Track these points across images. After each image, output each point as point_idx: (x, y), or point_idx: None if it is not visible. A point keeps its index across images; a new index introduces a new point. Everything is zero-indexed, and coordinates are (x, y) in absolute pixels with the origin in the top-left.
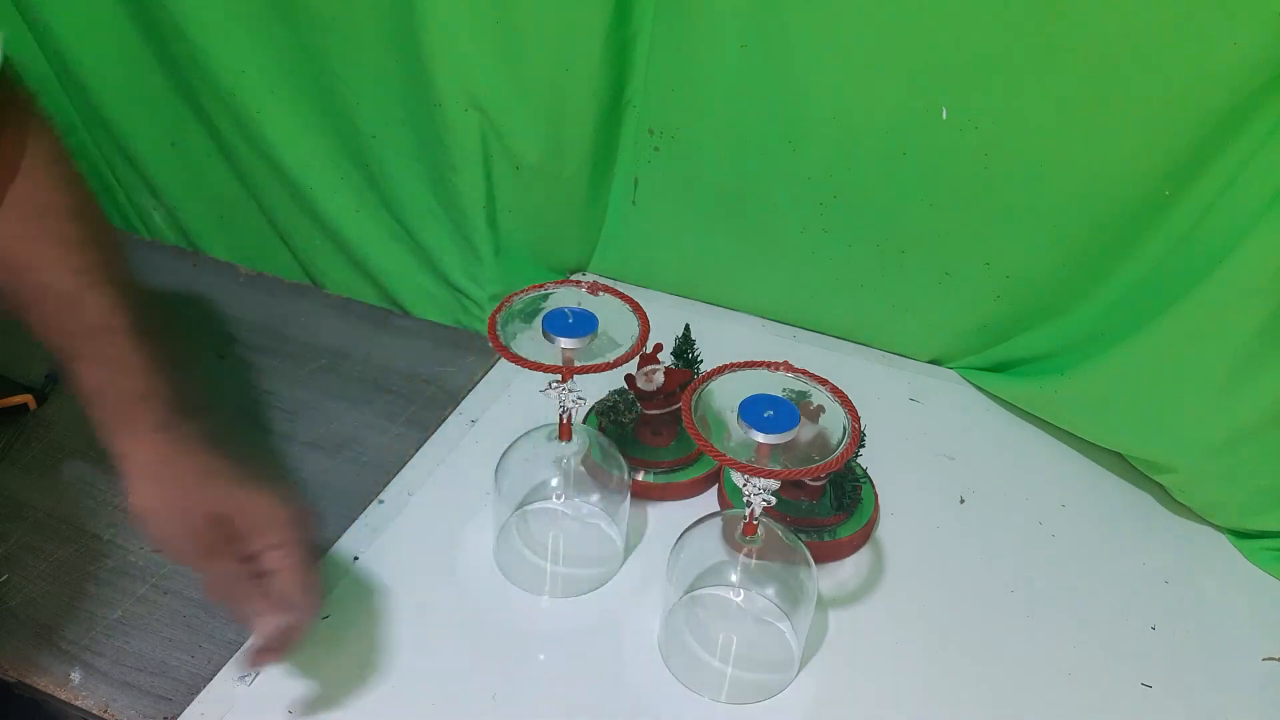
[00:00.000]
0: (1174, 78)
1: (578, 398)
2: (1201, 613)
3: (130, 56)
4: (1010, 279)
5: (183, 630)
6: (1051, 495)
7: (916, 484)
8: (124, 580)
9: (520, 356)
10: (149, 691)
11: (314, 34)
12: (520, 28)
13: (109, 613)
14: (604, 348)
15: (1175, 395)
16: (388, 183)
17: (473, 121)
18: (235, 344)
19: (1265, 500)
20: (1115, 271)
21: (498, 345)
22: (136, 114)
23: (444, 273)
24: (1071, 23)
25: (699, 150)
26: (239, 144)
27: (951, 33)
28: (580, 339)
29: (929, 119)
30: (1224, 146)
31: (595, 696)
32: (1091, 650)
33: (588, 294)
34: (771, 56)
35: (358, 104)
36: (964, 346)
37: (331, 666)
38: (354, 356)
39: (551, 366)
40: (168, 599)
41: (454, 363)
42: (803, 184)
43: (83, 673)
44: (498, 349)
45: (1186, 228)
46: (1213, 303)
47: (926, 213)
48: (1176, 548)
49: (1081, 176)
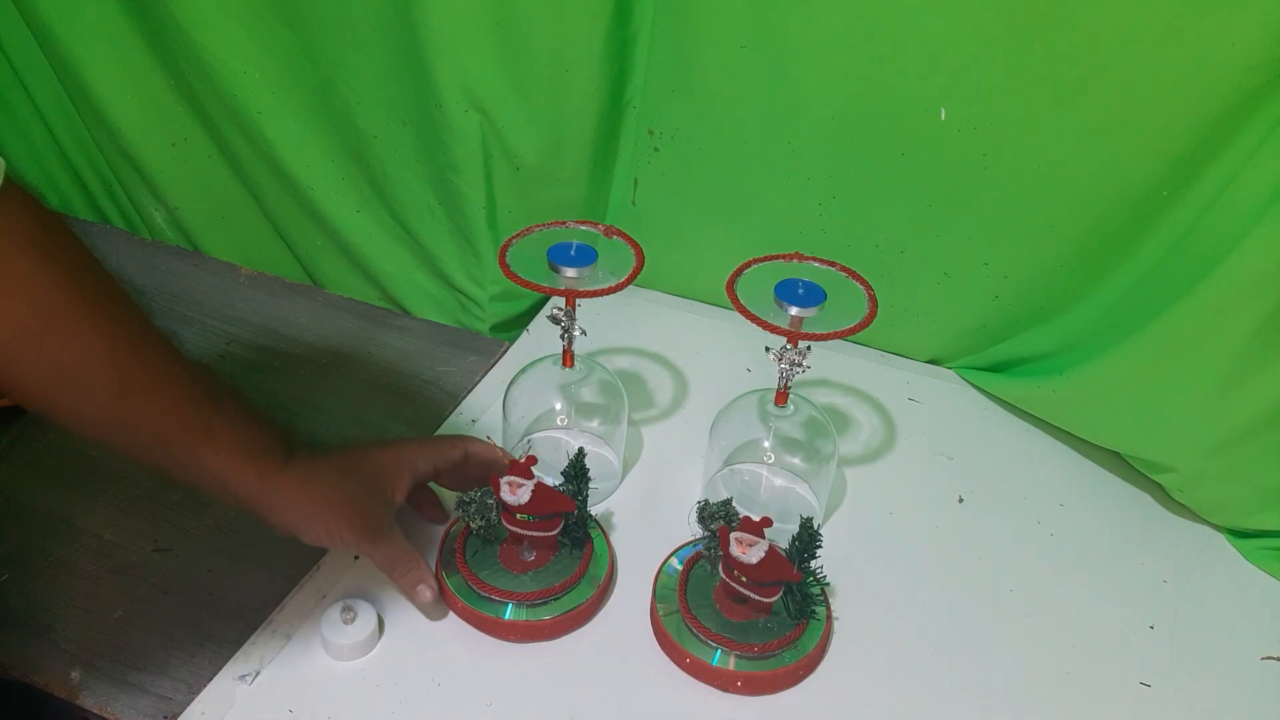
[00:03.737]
0: (1174, 78)
1: (580, 330)
2: (1201, 612)
3: (131, 56)
4: (1009, 279)
5: (183, 630)
6: (1050, 495)
7: (916, 484)
8: (124, 580)
9: (526, 280)
10: (149, 691)
11: (314, 34)
12: (520, 28)
13: (109, 613)
14: (604, 281)
15: (1174, 395)
16: (388, 183)
17: (473, 121)
18: (235, 344)
19: (1264, 500)
20: (1114, 271)
21: (506, 271)
22: (136, 114)
23: (444, 273)
24: (1071, 23)
25: (699, 150)
26: (239, 144)
27: (951, 33)
28: (582, 269)
29: (928, 119)
30: (1224, 146)
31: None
32: (1090, 650)
33: (603, 235)
34: (771, 56)
35: (358, 104)
36: (963, 346)
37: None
38: (354, 356)
39: (553, 289)
40: (168, 599)
41: (454, 363)
42: (802, 184)
43: (83, 672)
44: (506, 274)
45: (1186, 228)
46: (1212, 303)
47: (925, 213)
48: (1176, 547)
49: (1081, 176)
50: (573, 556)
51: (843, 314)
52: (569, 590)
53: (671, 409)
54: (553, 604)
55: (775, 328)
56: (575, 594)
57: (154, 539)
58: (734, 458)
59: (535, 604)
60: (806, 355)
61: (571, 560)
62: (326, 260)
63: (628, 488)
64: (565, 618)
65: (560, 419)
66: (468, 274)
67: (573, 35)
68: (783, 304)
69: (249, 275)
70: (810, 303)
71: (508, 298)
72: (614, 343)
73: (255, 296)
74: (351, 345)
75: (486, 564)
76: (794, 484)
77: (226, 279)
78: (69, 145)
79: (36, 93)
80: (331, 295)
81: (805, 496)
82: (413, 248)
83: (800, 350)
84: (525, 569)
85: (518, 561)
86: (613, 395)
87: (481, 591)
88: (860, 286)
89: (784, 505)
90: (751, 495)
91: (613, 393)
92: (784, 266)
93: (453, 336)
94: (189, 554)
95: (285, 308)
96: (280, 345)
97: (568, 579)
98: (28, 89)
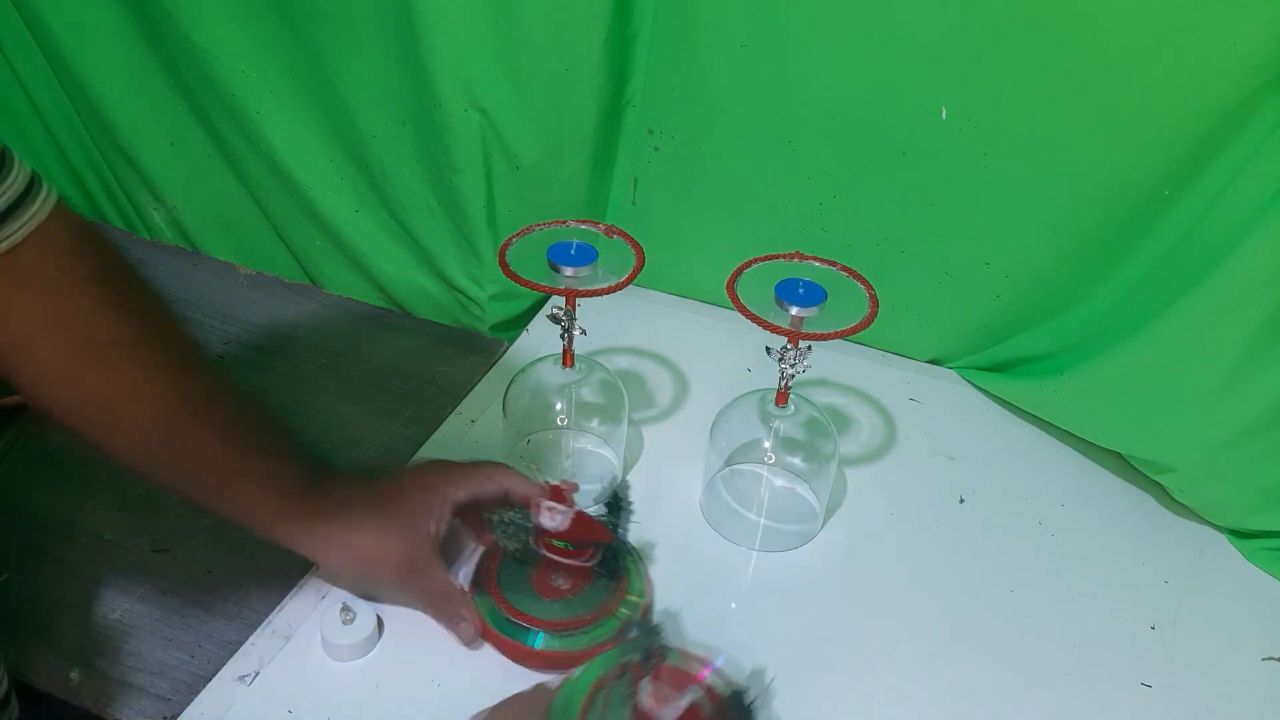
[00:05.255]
0: (1174, 78)
1: (580, 329)
2: (1202, 613)
3: (130, 56)
4: (1010, 279)
5: (183, 630)
6: (1051, 495)
7: (916, 484)
8: (124, 580)
9: (527, 279)
10: (149, 691)
11: (314, 34)
12: (520, 28)
13: (109, 613)
14: (604, 280)
15: (1175, 395)
16: (388, 183)
17: (473, 121)
18: (234, 344)
19: (1265, 500)
20: (1115, 271)
21: (506, 270)
22: (136, 114)
23: (444, 273)
24: (1071, 23)
25: (699, 150)
26: (239, 144)
27: (951, 33)
28: (582, 268)
29: (929, 119)
30: (1224, 146)
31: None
32: (1091, 650)
33: (603, 235)
34: (771, 56)
35: (358, 104)
36: (964, 346)
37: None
38: (354, 356)
39: (553, 289)
40: (168, 599)
41: (454, 363)
42: (802, 184)
43: (83, 672)
44: (506, 273)
45: (1186, 228)
46: (1213, 302)
47: (926, 213)
48: (1176, 548)
49: (1082, 176)
50: (606, 588)
51: (843, 314)
52: (600, 624)
53: (671, 409)
54: (581, 636)
55: (776, 328)
56: (605, 628)
57: (154, 539)
58: (734, 458)
59: (565, 634)
60: (807, 355)
61: (604, 591)
62: (326, 260)
63: None
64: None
65: (560, 419)
66: (467, 274)
67: (573, 35)
68: (783, 304)
69: (248, 275)
70: (811, 302)
71: (507, 297)
72: (614, 343)
73: (254, 296)
74: (351, 345)
75: (518, 588)
76: (794, 484)
77: (225, 279)
78: (68, 145)
79: (36, 93)
80: (331, 295)
81: (806, 497)
82: (412, 247)
83: (801, 350)
84: (557, 595)
85: (549, 587)
86: (613, 395)
87: (512, 618)
88: (861, 286)
89: (784, 505)
90: (752, 495)
91: (613, 393)
92: (784, 266)
93: (453, 336)
94: (189, 554)
95: (284, 308)
96: (279, 345)
97: (598, 612)
98: (27, 89)
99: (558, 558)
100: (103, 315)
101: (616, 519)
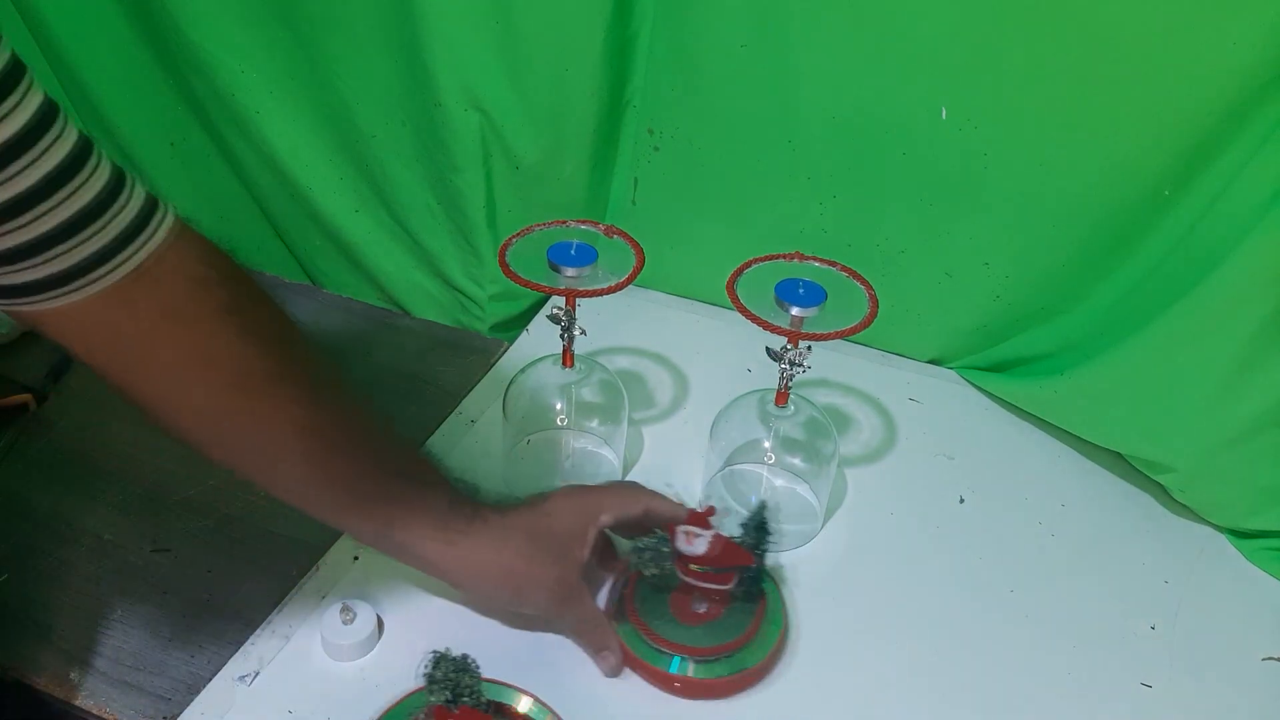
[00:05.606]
0: (1174, 77)
1: (580, 329)
2: (1201, 613)
3: (130, 56)
4: (1010, 279)
5: (183, 630)
6: (1051, 495)
7: (916, 484)
8: (124, 580)
9: (526, 279)
10: (149, 691)
11: (314, 34)
12: (520, 28)
13: (109, 613)
14: (604, 280)
15: (1175, 395)
16: (388, 183)
17: (473, 121)
18: None
19: (1265, 500)
20: (1115, 271)
21: (506, 270)
22: (136, 114)
23: (444, 273)
24: (1071, 22)
25: (699, 150)
26: (239, 144)
27: (951, 33)
28: (582, 268)
29: (929, 119)
30: (1224, 146)
31: None
32: (1091, 650)
33: (603, 235)
34: (771, 56)
35: (358, 104)
36: (964, 346)
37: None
38: (353, 356)
39: (553, 289)
40: (168, 599)
41: (454, 363)
42: (803, 183)
43: (82, 672)
44: (506, 273)
45: (1186, 228)
46: (1212, 303)
47: (926, 213)
48: (1176, 547)
49: (1081, 176)
50: (746, 611)
51: (843, 314)
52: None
53: (671, 409)
54: (725, 661)
55: (776, 328)
56: (747, 653)
57: (154, 539)
58: (734, 458)
59: (707, 660)
60: (807, 355)
61: (745, 615)
62: (326, 260)
63: None
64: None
65: (560, 419)
66: (467, 274)
67: (573, 35)
68: (783, 304)
69: None
70: (811, 303)
71: (507, 297)
72: (614, 343)
73: None
74: (351, 345)
75: (657, 613)
76: (794, 484)
77: None
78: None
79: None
80: (331, 295)
81: (806, 497)
82: (412, 247)
83: (801, 350)
84: (698, 621)
85: (689, 613)
86: (613, 395)
87: (652, 642)
88: (861, 286)
89: (784, 506)
90: (752, 495)
91: (613, 393)
92: (784, 266)
93: (452, 336)
94: (189, 554)
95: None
96: None
97: (741, 637)
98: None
99: (698, 583)
100: (255, 353)
101: (759, 542)
